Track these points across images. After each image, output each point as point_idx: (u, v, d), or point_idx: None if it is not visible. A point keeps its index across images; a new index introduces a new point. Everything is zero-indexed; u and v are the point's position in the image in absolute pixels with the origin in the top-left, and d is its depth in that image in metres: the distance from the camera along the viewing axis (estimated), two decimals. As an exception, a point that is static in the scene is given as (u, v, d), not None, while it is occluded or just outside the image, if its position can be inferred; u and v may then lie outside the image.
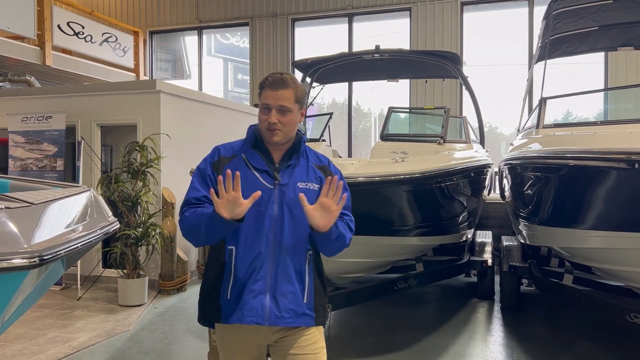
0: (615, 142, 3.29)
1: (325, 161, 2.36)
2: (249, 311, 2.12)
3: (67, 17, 9.69)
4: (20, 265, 1.76)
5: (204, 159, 2.27)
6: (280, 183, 2.16)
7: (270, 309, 2.14)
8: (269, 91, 2.17)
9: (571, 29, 5.94)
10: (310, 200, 2.12)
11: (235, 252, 2.15)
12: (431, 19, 10.40)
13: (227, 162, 2.19)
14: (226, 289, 2.15)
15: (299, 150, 2.25)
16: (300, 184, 2.20)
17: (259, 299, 2.13)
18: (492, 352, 4.67)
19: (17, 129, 7.20)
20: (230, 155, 2.22)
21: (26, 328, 5.21)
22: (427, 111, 7.41)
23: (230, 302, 2.14)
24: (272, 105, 2.15)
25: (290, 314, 2.17)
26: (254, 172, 2.18)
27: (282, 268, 2.16)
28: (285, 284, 2.16)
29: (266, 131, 2.17)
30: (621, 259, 3.85)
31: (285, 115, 2.17)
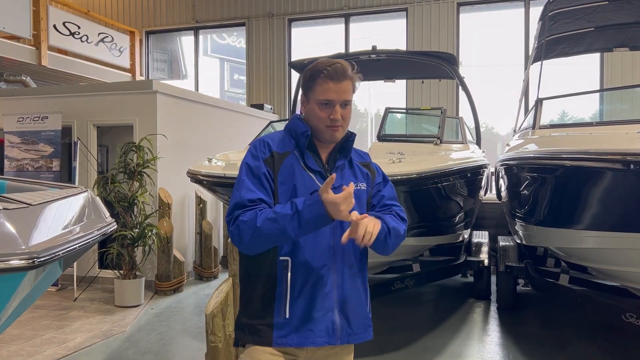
0: (611, 142, 3.31)
1: (367, 158, 2.18)
2: (321, 332, 1.88)
3: (62, 17, 9.67)
4: (18, 267, 1.76)
5: (252, 154, 1.96)
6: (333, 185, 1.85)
7: (341, 326, 1.92)
8: (331, 84, 1.91)
9: (567, 30, 5.96)
10: (362, 201, 2.00)
11: (291, 264, 1.88)
12: (428, 20, 10.41)
13: (283, 160, 1.93)
14: (282, 306, 1.87)
15: (348, 149, 2.04)
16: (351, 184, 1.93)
17: (329, 316, 1.89)
18: (488, 352, 4.69)
19: (12, 130, 7.17)
20: (284, 152, 1.95)
21: (22, 329, 5.19)
22: (424, 112, 7.41)
23: (290, 321, 1.87)
24: (335, 100, 1.91)
25: (360, 329, 1.98)
26: (310, 173, 1.94)
27: (348, 279, 1.94)
28: (353, 296, 1.96)
29: (327, 129, 1.94)
30: (617, 259, 3.87)
31: (347, 108, 1.96)
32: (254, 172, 1.91)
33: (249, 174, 1.91)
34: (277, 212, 1.78)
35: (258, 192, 1.87)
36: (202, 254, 7.48)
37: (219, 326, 3.51)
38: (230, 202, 1.90)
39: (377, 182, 2.14)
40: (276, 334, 1.87)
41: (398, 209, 2.10)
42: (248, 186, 1.88)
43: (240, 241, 1.84)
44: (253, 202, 1.85)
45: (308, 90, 1.97)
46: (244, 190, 1.87)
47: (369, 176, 2.10)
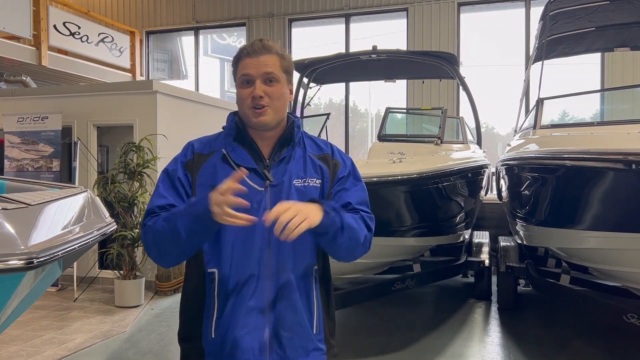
0: (612, 142, 3.30)
1: (328, 149, 1.86)
2: (245, 353, 1.64)
3: (63, 17, 9.66)
4: (17, 267, 1.75)
5: (174, 158, 1.80)
6: (272, 183, 1.69)
7: (271, 346, 1.67)
8: (248, 59, 1.70)
9: (568, 29, 5.95)
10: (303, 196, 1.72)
11: (217, 276, 1.67)
12: (428, 20, 10.41)
13: (205, 161, 1.74)
14: (209, 326, 1.68)
15: (292, 139, 1.77)
16: (297, 181, 1.72)
17: (256, 335, 1.65)
18: (489, 353, 4.68)
19: (12, 130, 7.17)
20: (208, 152, 1.77)
21: (22, 329, 5.19)
22: (424, 112, 7.42)
23: (215, 342, 1.67)
24: (254, 74, 1.69)
25: (297, 352, 1.70)
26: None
27: (282, 293, 1.68)
28: (288, 312, 1.69)
29: (250, 111, 1.70)
30: (618, 259, 3.86)
31: (273, 85, 1.70)
32: (169, 177, 1.75)
33: (164, 180, 1.75)
34: (172, 212, 1.63)
35: (169, 198, 1.70)
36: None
37: (219, 327, 3.49)
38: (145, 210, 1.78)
39: (339, 177, 1.81)
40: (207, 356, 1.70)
41: (367, 216, 1.80)
42: (160, 192, 1.73)
43: (146, 248, 1.71)
44: (162, 209, 1.68)
45: (234, 77, 1.77)
46: (155, 197, 1.73)
47: (325, 170, 1.79)
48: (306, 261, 1.74)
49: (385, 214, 4.48)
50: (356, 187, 1.84)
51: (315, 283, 1.77)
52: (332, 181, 1.80)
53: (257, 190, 1.68)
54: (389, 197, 4.28)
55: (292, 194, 1.70)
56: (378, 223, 4.67)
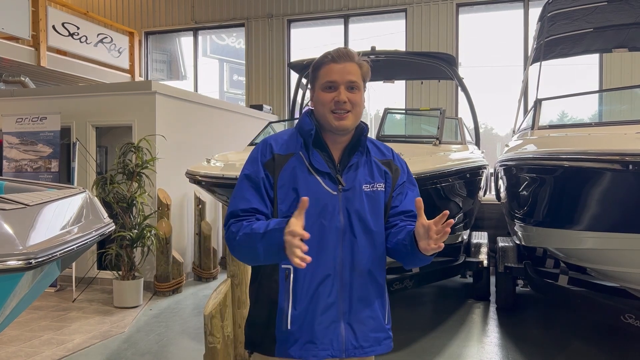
0: (610, 143, 3.31)
1: (389, 154, 1.97)
2: (323, 344, 1.76)
3: (62, 18, 9.66)
4: (15, 267, 1.76)
5: (252, 157, 1.84)
6: (344, 188, 1.78)
7: (347, 339, 1.78)
8: (334, 65, 1.78)
9: (566, 30, 5.96)
10: (378, 204, 1.83)
11: (293, 273, 1.76)
12: (427, 20, 10.42)
13: (285, 163, 1.79)
14: (284, 317, 1.77)
15: (362, 145, 1.85)
16: (365, 186, 1.82)
17: (332, 328, 1.77)
18: (487, 353, 4.68)
19: (11, 130, 7.17)
20: (286, 153, 1.81)
21: (21, 330, 5.18)
22: (423, 112, 7.41)
23: (291, 333, 1.76)
24: (339, 81, 1.77)
25: (370, 342, 1.83)
26: (316, 175, 1.79)
27: (357, 291, 1.80)
28: (362, 308, 1.81)
29: (331, 116, 1.77)
30: (616, 259, 3.86)
31: (354, 92, 1.79)
32: (251, 179, 1.80)
33: (245, 181, 1.81)
34: (253, 228, 1.69)
35: (252, 201, 1.77)
36: (201, 254, 7.47)
37: (217, 327, 3.50)
38: (227, 210, 1.83)
39: (400, 183, 1.94)
40: (278, 346, 1.78)
41: None
42: (243, 194, 1.79)
43: (230, 250, 1.79)
44: (246, 212, 1.76)
45: (314, 81, 1.84)
46: (239, 199, 1.79)
47: (389, 174, 1.91)
48: (378, 262, 1.85)
49: (384, 214, 4.49)
50: (413, 193, 1.97)
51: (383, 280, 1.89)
52: (393, 186, 1.92)
53: (331, 194, 1.79)
54: (388, 197, 4.29)
55: (363, 198, 1.82)
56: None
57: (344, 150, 1.85)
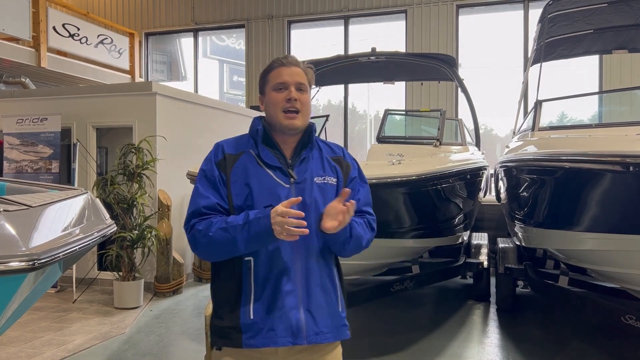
0: (610, 144, 3.31)
1: (340, 152, 2.10)
2: (283, 331, 1.84)
3: (62, 19, 9.67)
4: (18, 268, 1.76)
5: (207, 158, 1.97)
6: (296, 181, 1.90)
7: (307, 325, 1.86)
8: (284, 68, 1.95)
9: (566, 32, 5.98)
10: (329, 196, 1.92)
11: (254, 264, 1.85)
12: (427, 22, 10.43)
13: (236, 160, 1.92)
14: (247, 307, 1.85)
15: (311, 141, 1.99)
16: (317, 179, 1.94)
17: (293, 315, 1.85)
18: (488, 354, 4.68)
19: (12, 131, 7.17)
20: (237, 152, 1.95)
21: (21, 331, 5.18)
22: (423, 113, 7.43)
23: (254, 322, 1.84)
24: (289, 81, 1.93)
25: (329, 329, 1.93)
26: (267, 169, 1.91)
27: (313, 276, 1.90)
28: (320, 295, 1.91)
29: (282, 115, 1.92)
30: (616, 260, 3.87)
31: (303, 93, 1.95)
32: (207, 177, 1.91)
33: (202, 180, 1.92)
34: (229, 222, 1.79)
35: (213, 198, 1.87)
36: (204, 263, 7.46)
37: (218, 328, 3.50)
38: (187, 210, 1.91)
39: (351, 177, 2.06)
40: (244, 336, 1.85)
41: (371, 218, 2.06)
42: (202, 192, 1.88)
43: (195, 249, 1.87)
44: (209, 209, 1.86)
45: (264, 85, 2.00)
46: (199, 197, 1.88)
47: (339, 170, 2.02)
48: (328, 249, 1.95)
49: (384, 215, 4.49)
50: (363, 189, 2.08)
51: (337, 266, 2.02)
52: (345, 180, 2.03)
53: (283, 186, 1.89)
54: (388, 198, 4.29)
55: (314, 190, 1.92)
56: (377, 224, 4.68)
57: (294, 149, 1.98)
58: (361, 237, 1.95)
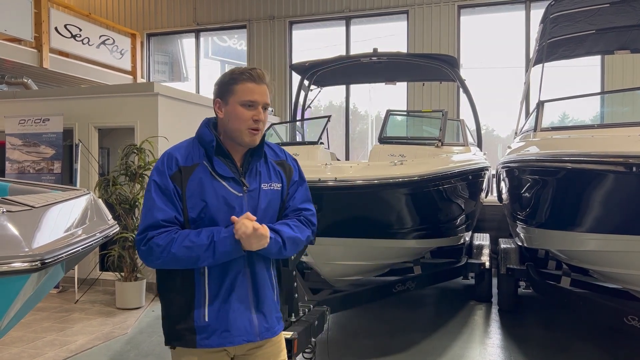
0: (613, 145, 3.31)
1: (282, 155, 2.17)
2: (238, 330, 1.94)
3: (64, 20, 9.68)
4: (21, 269, 1.76)
5: (157, 169, 1.95)
6: (248, 189, 1.98)
7: (259, 323, 2.00)
8: (254, 85, 1.95)
9: (568, 32, 5.97)
10: (275, 201, 2.04)
11: (207, 271, 1.93)
12: (428, 22, 10.42)
13: (190, 174, 1.93)
14: (201, 310, 1.93)
15: (261, 149, 2.05)
16: (264, 185, 2.02)
17: (246, 315, 1.97)
18: (490, 355, 4.68)
19: (14, 132, 7.18)
20: (191, 164, 1.95)
21: (24, 331, 5.19)
22: (425, 114, 7.42)
23: (208, 324, 1.93)
24: (259, 101, 1.95)
25: (274, 323, 2.06)
26: (221, 181, 1.95)
27: (260, 277, 2.02)
28: (266, 295, 2.03)
29: (248, 132, 1.95)
30: (618, 261, 3.86)
31: (265, 112, 2.00)
32: (162, 190, 1.91)
33: (157, 192, 1.92)
34: (193, 241, 1.85)
35: (170, 211, 1.90)
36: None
37: (220, 328, 3.50)
38: (142, 222, 1.92)
39: (293, 181, 2.14)
40: (199, 337, 1.93)
41: (309, 214, 2.12)
42: (159, 206, 1.90)
43: (150, 262, 1.91)
44: (167, 222, 1.89)
45: (228, 93, 1.97)
46: (156, 210, 1.89)
47: (282, 175, 2.10)
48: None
49: (386, 216, 4.49)
50: (302, 187, 2.16)
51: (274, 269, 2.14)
52: (288, 184, 2.12)
53: (237, 195, 1.97)
54: (390, 199, 4.29)
55: (262, 197, 2.01)
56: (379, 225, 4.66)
57: (244, 156, 2.04)
58: (296, 237, 2.02)
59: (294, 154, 2.41)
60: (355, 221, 4.33)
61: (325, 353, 4.33)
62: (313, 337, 3.72)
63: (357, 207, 4.18)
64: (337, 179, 3.81)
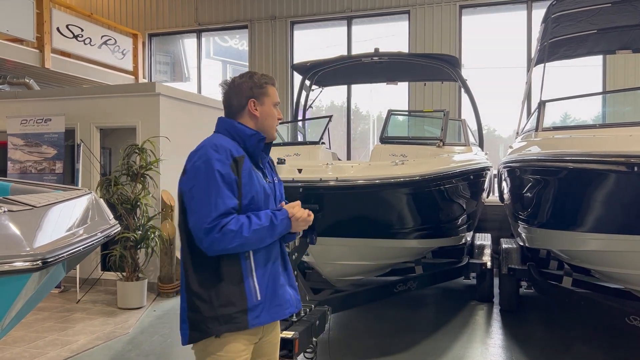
0: (615, 145, 3.30)
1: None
2: (286, 303, 2.19)
3: (66, 20, 9.69)
4: (23, 268, 1.77)
5: (218, 159, 2.06)
6: (269, 181, 2.27)
7: (294, 296, 2.26)
8: (274, 89, 2.29)
9: (570, 32, 5.96)
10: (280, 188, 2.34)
11: (252, 253, 2.11)
12: (430, 22, 10.42)
13: (242, 164, 2.12)
14: (252, 292, 2.09)
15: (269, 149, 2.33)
16: (275, 178, 2.35)
17: (287, 289, 2.22)
18: (491, 355, 4.68)
19: (16, 132, 7.19)
20: (240, 156, 2.13)
21: (25, 331, 5.20)
22: (426, 114, 7.42)
23: (261, 302, 2.11)
24: (279, 103, 2.32)
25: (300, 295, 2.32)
26: (259, 172, 2.22)
27: (286, 256, 2.29)
28: (290, 269, 2.31)
29: (276, 129, 2.31)
30: (620, 261, 3.86)
31: None
32: (225, 179, 2.05)
33: (222, 182, 2.04)
34: (260, 224, 2.05)
35: (236, 199, 2.07)
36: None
37: (222, 328, 3.50)
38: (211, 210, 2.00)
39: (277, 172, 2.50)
40: (250, 317, 2.07)
41: None
42: (228, 194, 2.04)
43: (222, 247, 2.01)
44: (235, 210, 2.06)
45: (263, 95, 2.25)
46: (227, 198, 2.03)
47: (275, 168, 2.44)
48: None
49: (388, 216, 4.49)
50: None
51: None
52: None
53: (268, 185, 2.24)
54: (392, 199, 4.29)
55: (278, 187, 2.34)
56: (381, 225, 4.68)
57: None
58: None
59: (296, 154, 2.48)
60: (357, 221, 4.33)
61: (327, 353, 4.32)
62: (314, 336, 3.72)
63: (359, 207, 4.18)
64: (339, 178, 3.81)
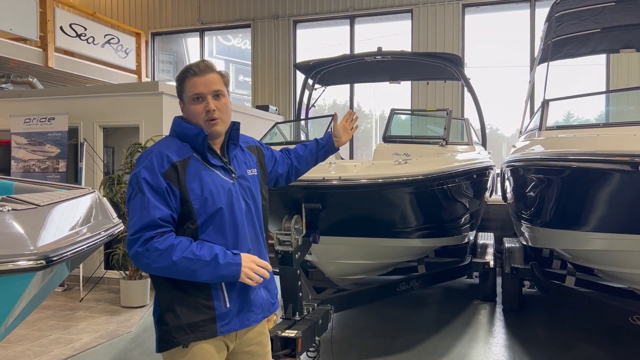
0: (618, 144, 3.29)
1: (251, 141, 2.35)
2: (258, 308, 2.06)
3: (69, 19, 9.71)
4: (26, 267, 1.77)
5: (147, 168, 1.90)
6: (236, 176, 2.07)
7: (267, 299, 2.13)
8: (197, 79, 2.00)
9: (573, 31, 5.94)
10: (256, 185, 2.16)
11: None
12: (433, 21, 10.40)
13: (187, 166, 1.95)
14: (221, 299, 1.96)
15: (236, 138, 2.14)
16: (249, 171, 2.15)
17: (258, 293, 2.08)
18: (494, 354, 4.67)
19: (19, 131, 7.21)
20: (184, 158, 1.96)
21: (28, 329, 5.21)
22: (429, 113, 7.41)
23: (230, 310, 1.98)
24: (205, 92, 1.99)
25: (275, 298, 2.19)
26: (214, 170, 2.01)
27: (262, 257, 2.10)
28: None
29: (205, 123, 2.00)
30: (623, 261, 3.85)
31: (221, 100, 2.03)
32: (154, 188, 1.88)
33: (151, 192, 1.88)
34: (195, 254, 1.86)
35: (166, 209, 1.88)
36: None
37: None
38: (136, 221, 1.86)
39: (266, 154, 2.38)
40: (219, 324, 1.96)
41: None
42: (155, 204, 1.86)
43: (145, 265, 1.87)
44: (164, 221, 1.87)
45: (181, 93, 2.06)
46: (152, 209, 1.85)
47: (254, 158, 2.25)
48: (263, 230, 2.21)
49: (390, 215, 4.49)
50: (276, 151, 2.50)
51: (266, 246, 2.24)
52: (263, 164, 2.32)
53: (229, 183, 2.04)
54: (394, 198, 4.29)
55: (251, 181, 2.14)
56: (383, 224, 4.69)
57: (222, 147, 2.11)
58: None
59: None
60: (360, 220, 4.33)
61: (329, 352, 4.32)
62: (317, 336, 3.73)
63: (361, 206, 4.18)
64: (341, 177, 3.80)
